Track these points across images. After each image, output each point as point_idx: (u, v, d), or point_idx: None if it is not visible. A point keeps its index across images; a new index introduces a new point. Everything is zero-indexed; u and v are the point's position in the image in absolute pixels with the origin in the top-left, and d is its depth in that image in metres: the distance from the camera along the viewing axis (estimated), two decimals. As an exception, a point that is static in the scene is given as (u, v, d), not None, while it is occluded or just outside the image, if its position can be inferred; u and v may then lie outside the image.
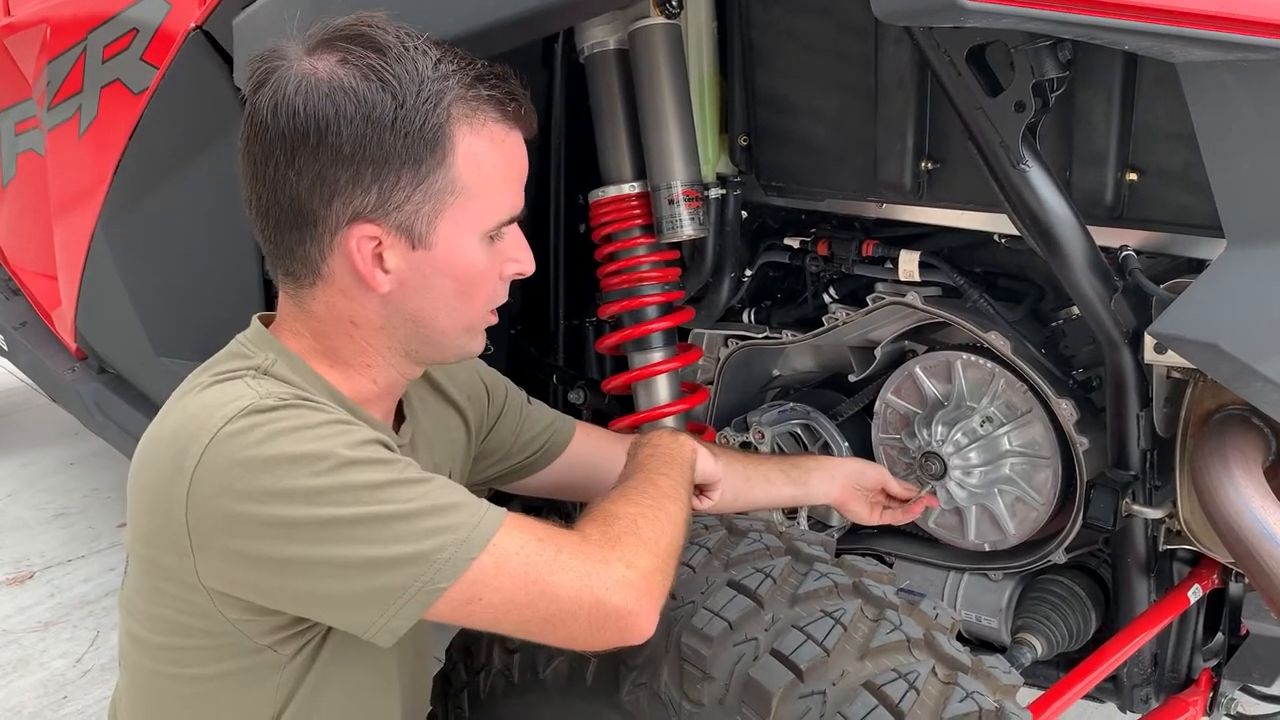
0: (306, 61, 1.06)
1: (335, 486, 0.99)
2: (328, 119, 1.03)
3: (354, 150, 1.04)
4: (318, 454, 1.00)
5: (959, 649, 1.05)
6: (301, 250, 1.10)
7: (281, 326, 1.17)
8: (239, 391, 1.04)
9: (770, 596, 1.07)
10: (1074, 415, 1.46)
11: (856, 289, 1.68)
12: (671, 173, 1.60)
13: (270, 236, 1.12)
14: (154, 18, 1.91)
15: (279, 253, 1.13)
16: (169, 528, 1.02)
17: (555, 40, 1.78)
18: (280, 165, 1.06)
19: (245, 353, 1.14)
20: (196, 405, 1.05)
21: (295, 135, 1.05)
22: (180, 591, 1.06)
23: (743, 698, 1.01)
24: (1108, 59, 1.28)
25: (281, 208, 1.09)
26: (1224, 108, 1.09)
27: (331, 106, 1.03)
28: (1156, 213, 1.32)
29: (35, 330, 3.00)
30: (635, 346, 1.73)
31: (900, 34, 1.38)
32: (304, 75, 1.05)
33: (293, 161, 1.06)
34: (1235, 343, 1.11)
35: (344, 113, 1.03)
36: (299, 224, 1.09)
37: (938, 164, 1.45)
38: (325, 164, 1.05)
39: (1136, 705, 1.62)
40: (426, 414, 1.34)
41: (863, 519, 1.63)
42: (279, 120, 1.05)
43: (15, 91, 2.64)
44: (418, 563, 0.99)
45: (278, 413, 1.02)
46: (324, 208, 1.07)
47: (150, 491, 1.05)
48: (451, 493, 1.04)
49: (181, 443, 1.02)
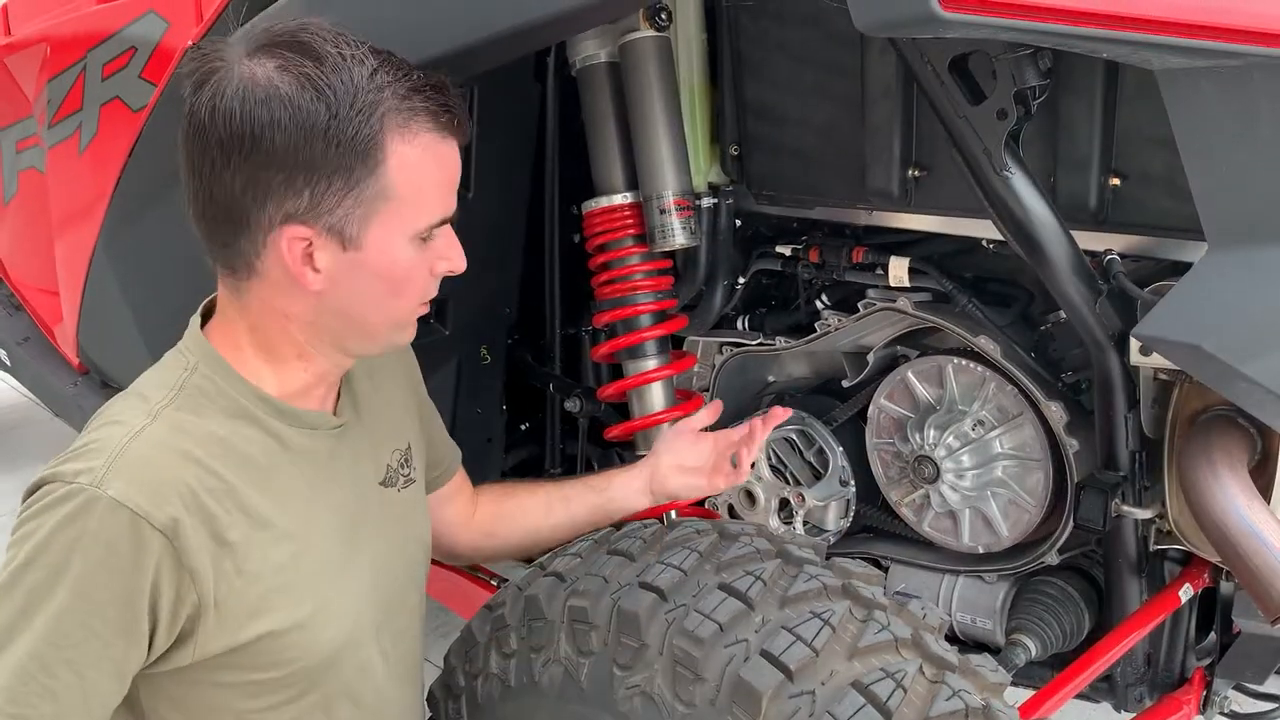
0: (246, 65, 1.08)
1: (40, 616, 1.06)
2: (263, 125, 1.06)
3: (287, 156, 1.07)
4: (55, 573, 1.06)
5: (946, 648, 1.07)
6: (236, 246, 1.14)
7: (219, 317, 1.22)
8: (99, 453, 1.09)
9: (760, 598, 1.08)
10: (1064, 418, 1.48)
11: (848, 295, 1.70)
12: (663, 183, 1.62)
13: (206, 232, 1.16)
14: (152, 36, 1.93)
15: (215, 247, 1.17)
16: None
17: (547, 54, 1.80)
18: (217, 166, 1.10)
19: (173, 364, 1.20)
20: (86, 439, 1.13)
21: (231, 139, 1.08)
22: None
23: (733, 698, 1.03)
24: (1089, 66, 1.30)
25: (217, 205, 1.12)
26: (1202, 113, 1.10)
27: (267, 113, 1.06)
28: (1139, 217, 1.34)
29: (38, 345, 3.01)
30: (629, 354, 1.75)
31: (885, 44, 1.39)
32: (243, 79, 1.08)
33: (228, 163, 1.09)
34: (1218, 344, 1.13)
35: (279, 120, 1.06)
36: (233, 222, 1.12)
37: (924, 171, 1.47)
38: (259, 168, 1.08)
39: (1131, 704, 1.63)
40: (375, 393, 1.36)
41: (705, 490, 1.59)
42: (216, 123, 1.08)
43: (16, 110, 2.66)
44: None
45: (84, 514, 1.06)
46: (257, 209, 1.10)
47: None
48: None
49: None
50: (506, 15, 1.27)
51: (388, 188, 1.11)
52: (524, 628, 1.24)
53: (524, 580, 1.29)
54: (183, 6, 1.85)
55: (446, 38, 1.30)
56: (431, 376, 1.90)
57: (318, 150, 1.07)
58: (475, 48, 1.29)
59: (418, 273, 1.18)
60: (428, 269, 1.19)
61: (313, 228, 1.11)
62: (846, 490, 1.76)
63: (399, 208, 1.12)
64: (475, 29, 1.29)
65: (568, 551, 1.29)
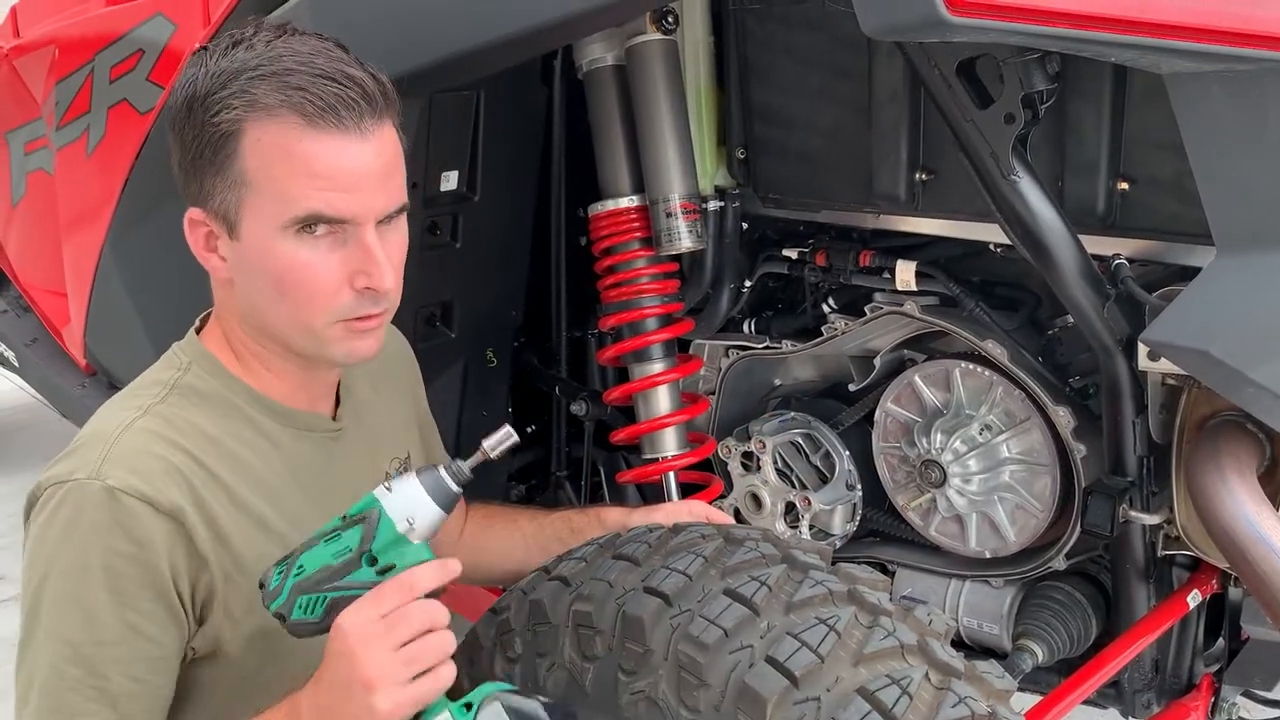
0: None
1: (70, 619, 1.07)
2: (169, 107, 1.15)
3: (173, 135, 1.14)
4: (77, 575, 1.06)
5: (952, 654, 1.06)
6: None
7: (213, 320, 1.25)
8: (92, 447, 1.10)
9: (766, 604, 1.08)
10: (1071, 422, 1.47)
11: (855, 299, 1.70)
12: (669, 186, 1.62)
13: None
14: (160, 38, 1.94)
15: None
16: None
17: (554, 57, 1.80)
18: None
19: (165, 364, 1.22)
20: (78, 437, 1.14)
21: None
22: None
23: (738, 704, 1.02)
24: (1097, 70, 1.29)
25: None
26: (1211, 118, 1.10)
27: (172, 98, 1.15)
28: (1148, 221, 1.34)
29: (46, 347, 3.02)
30: (635, 358, 1.75)
31: (892, 48, 1.39)
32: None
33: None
34: (1226, 349, 1.12)
35: (174, 100, 1.13)
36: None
37: (931, 175, 1.46)
38: (169, 149, 1.16)
39: (1138, 711, 1.63)
40: (377, 401, 1.36)
41: None
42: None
43: (25, 112, 2.66)
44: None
45: (88, 507, 1.07)
46: (178, 194, 1.17)
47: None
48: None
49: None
50: (514, 19, 1.28)
51: (245, 172, 1.10)
52: (529, 632, 1.23)
53: (529, 584, 1.29)
54: (190, 8, 1.86)
55: (454, 41, 1.31)
56: (437, 379, 1.91)
57: (189, 131, 1.12)
58: (483, 51, 1.30)
59: (312, 276, 1.11)
60: (338, 278, 1.12)
61: (204, 210, 1.14)
62: (853, 494, 1.75)
63: (259, 197, 1.10)
64: (483, 32, 1.30)
65: (573, 556, 1.28)
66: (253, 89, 1.08)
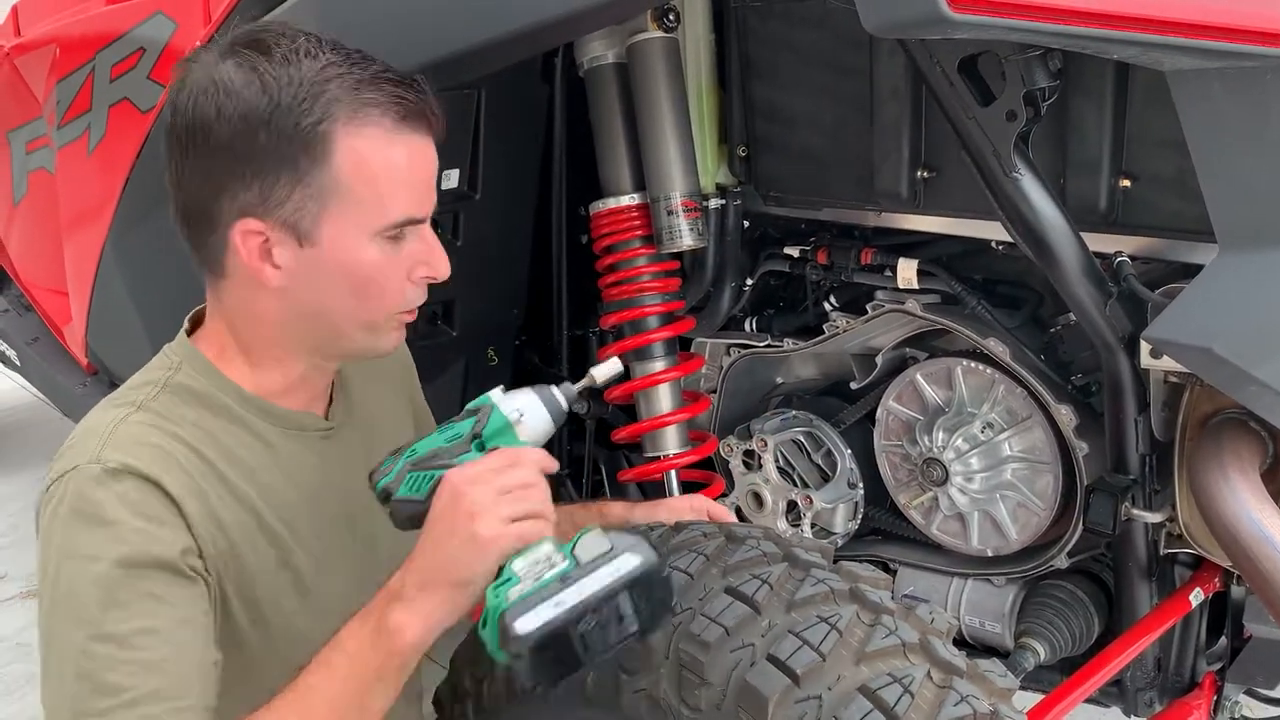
0: (209, 65, 1.10)
1: (87, 599, 1.04)
2: (210, 119, 1.08)
3: (233, 147, 1.08)
4: (89, 556, 1.04)
5: (954, 653, 1.06)
6: (205, 244, 1.15)
7: (206, 320, 1.23)
8: (89, 440, 1.10)
9: (767, 603, 1.07)
10: (1073, 420, 1.47)
11: (857, 297, 1.69)
12: (670, 184, 1.62)
13: (184, 232, 1.18)
14: (161, 37, 1.94)
15: (191, 246, 1.18)
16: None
17: (555, 55, 1.80)
18: (178, 162, 1.13)
19: (157, 365, 1.21)
20: (71, 436, 1.13)
21: (186, 134, 1.10)
22: None
23: (740, 703, 1.02)
24: (1099, 67, 1.29)
25: (185, 202, 1.15)
26: (1213, 114, 1.10)
27: (214, 107, 1.08)
28: (1150, 218, 1.33)
29: (47, 346, 3.02)
30: (637, 356, 1.75)
31: (894, 45, 1.39)
32: (199, 78, 1.10)
33: (186, 157, 1.12)
34: (1229, 347, 1.12)
35: (224, 112, 1.08)
36: (199, 218, 1.14)
37: (933, 172, 1.46)
38: (211, 160, 1.10)
39: (1140, 709, 1.62)
40: (371, 399, 1.35)
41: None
42: (176, 120, 1.12)
43: (26, 110, 2.66)
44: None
45: (90, 489, 1.06)
46: (214, 203, 1.11)
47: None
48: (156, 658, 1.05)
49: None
50: (515, 16, 1.27)
51: (338, 182, 1.09)
52: (530, 630, 1.23)
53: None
54: (191, 7, 1.85)
55: (454, 39, 1.30)
56: (438, 377, 1.91)
57: (260, 141, 1.08)
58: (483, 49, 1.29)
59: (388, 275, 1.14)
60: (403, 273, 1.15)
61: (265, 222, 1.10)
62: (854, 493, 1.75)
63: (353, 204, 1.10)
64: (483, 30, 1.29)
65: (574, 554, 1.28)
66: (340, 99, 1.08)
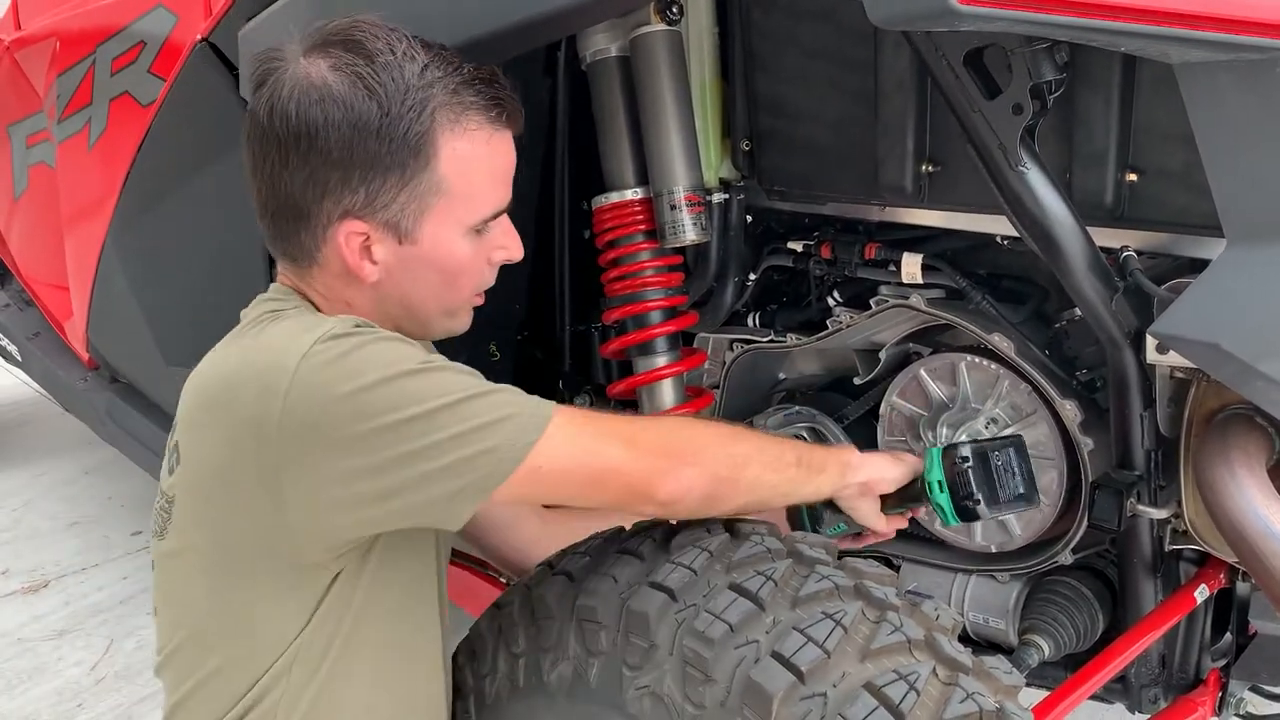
0: (301, 65, 1.12)
1: (424, 387, 1.05)
2: (317, 125, 1.10)
3: (342, 155, 1.11)
4: (402, 360, 1.06)
5: (960, 650, 1.05)
6: (297, 239, 1.18)
7: (285, 301, 1.24)
8: (317, 320, 1.12)
9: (771, 599, 1.07)
10: (1078, 416, 1.46)
11: (860, 292, 1.69)
12: (673, 178, 1.61)
13: (269, 225, 1.21)
14: (161, 30, 1.93)
15: (277, 239, 1.22)
16: (255, 453, 1.05)
17: (558, 48, 1.79)
18: (276, 163, 1.14)
19: (285, 301, 1.22)
20: (275, 333, 1.12)
21: (289, 138, 1.12)
22: (253, 520, 1.09)
23: (744, 700, 1.02)
24: (1106, 60, 1.28)
25: (278, 201, 1.17)
26: (1221, 108, 1.09)
27: (321, 114, 1.10)
28: (1157, 213, 1.32)
29: (48, 341, 3.02)
30: (639, 351, 1.74)
31: (899, 38, 1.38)
32: (297, 80, 1.12)
33: (287, 162, 1.13)
34: (1236, 342, 1.11)
35: (332, 120, 1.10)
36: (294, 217, 1.17)
37: (938, 167, 1.45)
38: (316, 166, 1.12)
39: (1145, 706, 1.62)
40: None
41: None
42: (274, 123, 1.12)
43: (26, 104, 2.66)
44: (497, 431, 1.06)
45: (360, 334, 1.07)
46: (316, 204, 1.14)
47: (231, 420, 1.07)
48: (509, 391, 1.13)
49: (267, 367, 1.06)
50: (517, 8, 1.27)
51: (441, 182, 1.14)
52: (532, 627, 1.23)
53: (533, 579, 1.28)
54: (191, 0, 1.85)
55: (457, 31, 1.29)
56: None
57: (371, 148, 1.11)
58: (486, 41, 1.29)
59: (473, 263, 1.22)
60: (485, 259, 1.23)
61: (369, 222, 1.15)
62: (858, 488, 1.74)
63: (453, 202, 1.16)
64: (486, 22, 1.29)
65: (577, 550, 1.28)
66: (445, 103, 1.13)
